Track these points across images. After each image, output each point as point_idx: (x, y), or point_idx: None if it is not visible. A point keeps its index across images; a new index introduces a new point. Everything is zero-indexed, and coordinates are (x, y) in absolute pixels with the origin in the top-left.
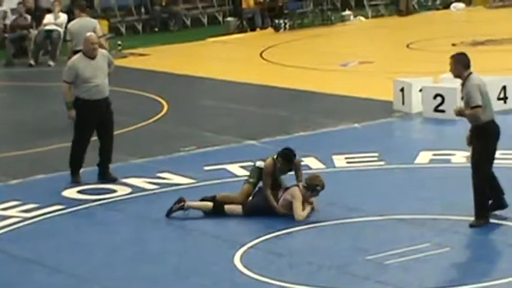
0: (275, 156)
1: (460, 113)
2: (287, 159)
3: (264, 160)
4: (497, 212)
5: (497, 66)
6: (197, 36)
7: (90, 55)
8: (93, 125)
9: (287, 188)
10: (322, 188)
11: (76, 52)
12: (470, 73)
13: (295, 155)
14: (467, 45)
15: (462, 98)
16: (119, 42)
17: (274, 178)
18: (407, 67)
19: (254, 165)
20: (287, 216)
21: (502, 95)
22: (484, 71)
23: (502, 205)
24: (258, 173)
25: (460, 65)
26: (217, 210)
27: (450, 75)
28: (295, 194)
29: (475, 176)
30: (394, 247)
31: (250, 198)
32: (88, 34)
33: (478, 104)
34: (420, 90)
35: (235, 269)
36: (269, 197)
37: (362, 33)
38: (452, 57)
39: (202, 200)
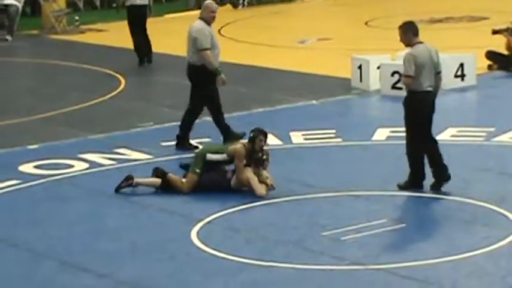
0: (245, 142)
1: (402, 76)
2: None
3: (213, 153)
4: (449, 189)
5: (454, 44)
6: (155, 12)
7: (210, 22)
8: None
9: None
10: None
11: None
12: (418, 42)
13: (261, 132)
14: (426, 23)
15: None
16: (77, 18)
17: (253, 158)
18: (365, 44)
19: (201, 155)
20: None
21: (459, 73)
22: (442, 49)
23: (445, 178)
24: (203, 163)
25: (410, 32)
26: (165, 187)
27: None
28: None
29: (407, 140)
30: (350, 223)
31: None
32: (208, 2)
33: (408, 74)
34: (378, 68)
35: (192, 244)
36: (251, 179)
37: (320, 11)
38: (401, 26)
39: (156, 169)
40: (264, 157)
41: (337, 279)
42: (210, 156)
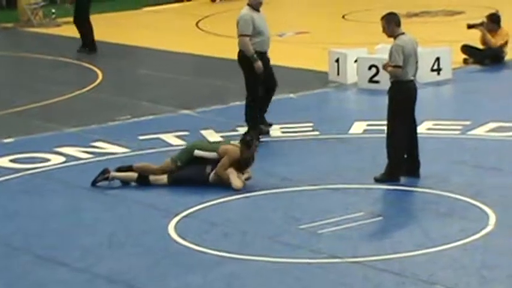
0: (239, 144)
1: (384, 67)
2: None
3: (203, 150)
4: (425, 182)
5: (431, 38)
6: (132, 5)
7: (257, 8)
8: (260, 78)
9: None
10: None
11: None
12: (401, 33)
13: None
14: (402, 17)
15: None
16: (53, 10)
17: (243, 161)
18: (342, 38)
19: (189, 149)
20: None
21: (435, 67)
22: (418, 43)
23: (414, 173)
24: (188, 159)
25: (393, 23)
26: (141, 181)
27: (385, 46)
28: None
29: (389, 132)
30: (327, 216)
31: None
32: None
33: (397, 63)
34: (355, 61)
35: (170, 238)
36: (230, 173)
37: (299, 4)
38: (384, 17)
39: (119, 169)
40: (251, 162)
41: (315, 272)
42: (198, 153)
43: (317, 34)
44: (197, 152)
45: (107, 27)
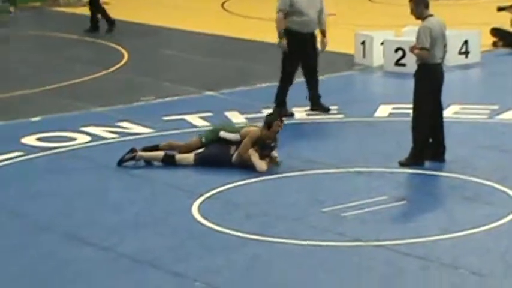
0: (260, 125)
1: (411, 49)
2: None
3: (228, 131)
4: (450, 166)
5: (459, 20)
6: None
7: None
8: (297, 59)
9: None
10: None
11: None
12: (429, 15)
13: (279, 117)
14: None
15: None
16: None
17: (264, 143)
18: (369, 20)
19: (216, 130)
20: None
21: (463, 50)
22: (446, 25)
23: (440, 157)
24: (213, 139)
25: (422, 5)
26: (167, 161)
27: (412, 28)
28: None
29: (414, 115)
30: (351, 199)
31: (200, 150)
32: None
33: (424, 46)
34: (382, 44)
35: (193, 218)
36: (252, 155)
37: None
38: None
39: (145, 149)
40: (273, 144)
41: (338, 255)
42: (223, 134)
43: (343, 16)
44: (222, 134)
45: (133, 7)
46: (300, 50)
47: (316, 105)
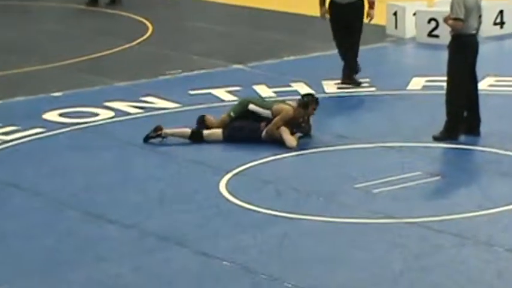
0: (295, 104)
1: (445, 20)
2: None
3: (258, 105)
4: (486, 140)
5: None
6: None
7: None
8: (338, 29)
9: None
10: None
11: None
12: None
13: (315, 100)
14: None
15: None
16: None
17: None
18: None
19: (244, 102)
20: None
21: (498, 20)
22: None
23: (475, 131)
24: (242, 112)
25: None
26: (196, 136)
27: None
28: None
29: (448, 88)
30: (383, 175)
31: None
32: None
33: (458, 16)
34: (414, 14)
35: (221, 195)
36: (282, 131)
37: None
38: None
39: (199, 119)
40: (304, 125)
41: (370, 233)
42: (252, 107)
43: None
44: (251, 106)
45: None
46: (340, 22)
47: (349, 78)
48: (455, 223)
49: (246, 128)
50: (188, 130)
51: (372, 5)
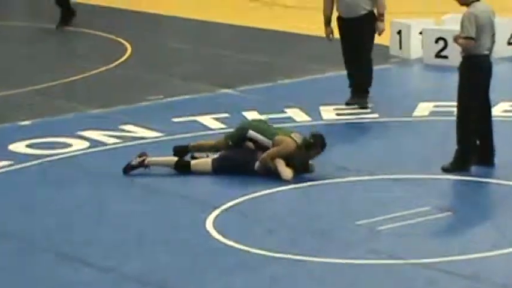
0: (299, 141)
1: (455, 39)
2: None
3: (258, 132)
4: (501, 172)
5: (508, 5)
6: None
7: None
8: (347, 44)
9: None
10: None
11: None
12: (476, 0)
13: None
14: None
15: None
16: None
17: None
18: (406, 6)
19: (243, 128)
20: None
21: None
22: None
23: (488, 161)
24: (240, 138)
25: None
26: (182, 166)
27: (455, 15)
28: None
29: (459, 114)
30: (388, 211)
31: (217, 155)
32: None
33: (469, 35)
34: (420, 33)
35: (208, 234)
36: (277, 162)
37: None
38: None
39: (175, 149)
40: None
41: (373, 275)
42: (252, 134)
43: None
44: (251, 133)
45: None
46: (349, 37)
47: (358, 97)
48: (468, 264)
49: (239, 158)
50: (174, 159)
51: (380, 17)
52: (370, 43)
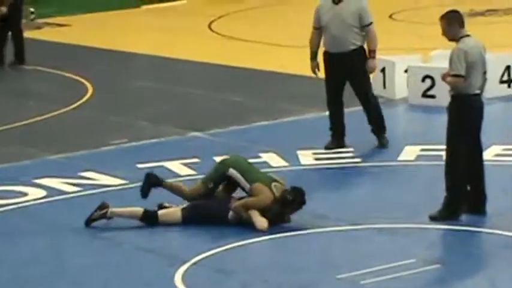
0: (278, 194)
1: (443, 77)
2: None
3: (239, 171)
4: (493, 221)
5: (500, 41)
6: (129, 3)
7: None
8: (333, 82)
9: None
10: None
11: None
12: (465, 35)
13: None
14: (465, 16)
15: None
16: (32, 10)
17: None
18: (390, 42)
19: (224, 167)
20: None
21: (505, 77)
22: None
23: (479, 209)
24: (221, 178)
25: (455, 23)
26: (149, 218)
27: (443, 52)
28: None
29: (448, 158)
30: (371, 264)
31: (186, 205)
32: None
33: (459, 73)
34: (405, 71)
35: None
36: (251, 212)
37: None
38: (444, 17)
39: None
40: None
41: None
42: (232, 172)
43: None
44: (232, 171)
45: (98, 29)
46: (338, 76)
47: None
48: None
49: (211, 207)
50: (140, 209)
51: (371, 54)
52: (367, 81)
